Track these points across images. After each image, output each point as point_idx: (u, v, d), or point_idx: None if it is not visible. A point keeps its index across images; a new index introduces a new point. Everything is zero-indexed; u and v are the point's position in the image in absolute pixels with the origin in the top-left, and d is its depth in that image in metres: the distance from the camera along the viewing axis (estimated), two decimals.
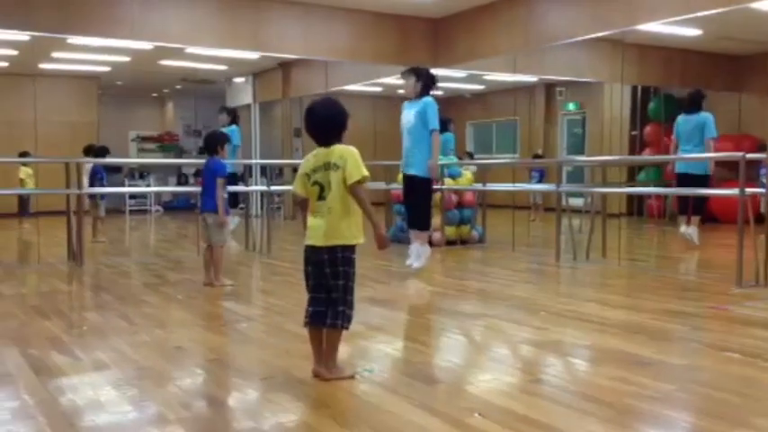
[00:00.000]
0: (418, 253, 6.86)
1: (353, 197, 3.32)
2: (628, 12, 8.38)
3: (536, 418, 2.86)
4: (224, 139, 6.43)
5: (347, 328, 3.39)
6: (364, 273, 6.99)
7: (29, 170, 12.24)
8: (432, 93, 6.93)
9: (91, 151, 10.59)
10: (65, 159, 8.01)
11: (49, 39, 10.27)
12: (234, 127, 10.88)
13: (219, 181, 6.09)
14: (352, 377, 3.39)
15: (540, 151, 15.60)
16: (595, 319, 4.84)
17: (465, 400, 3.15)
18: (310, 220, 3.40)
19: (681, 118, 8.65)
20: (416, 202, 6.96)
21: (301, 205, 3.55)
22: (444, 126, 8.42)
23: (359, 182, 3.29)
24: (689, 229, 8.57)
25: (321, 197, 3.34)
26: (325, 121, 3.39)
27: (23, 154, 11.61)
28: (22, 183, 12.05)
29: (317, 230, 3.35)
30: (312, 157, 3.42)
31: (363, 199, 3.34)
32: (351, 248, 3.37)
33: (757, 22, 9.93)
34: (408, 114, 6.88)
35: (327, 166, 3.33)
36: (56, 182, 8.28)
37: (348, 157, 3.32)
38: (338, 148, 3.36)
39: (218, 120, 10.52)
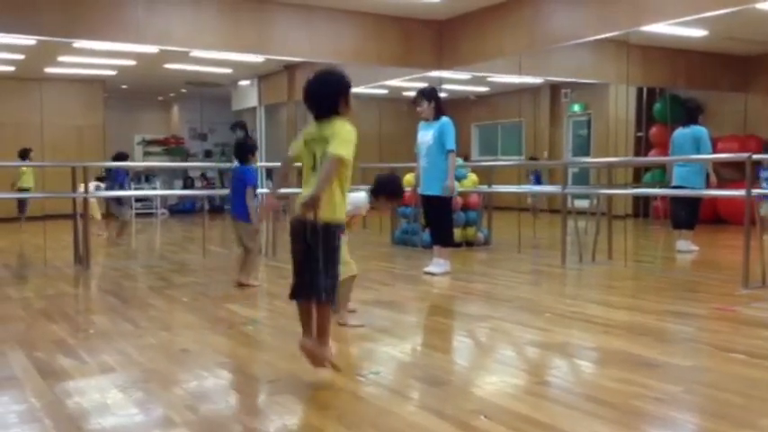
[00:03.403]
0: (438, 264, 6.92)
1: (323, 164, 3.22)
2: (633, 13, 8.36)
3: (542, 420, 2.86)
4: (253, 148, 6.66)
5: (332, 302, 3.34)
6: (369, 275, 7.01)
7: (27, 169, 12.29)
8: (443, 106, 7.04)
9: (119, 158, 10.74)
10: (71, 163, 8.05)
11: (55, 43, 10.31)
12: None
13: (249, 190, 6.30)
14: (333, 366, 3.38)
15: (545, 154, 15.62)
16: (601, 320, 4.83)
17: (471, 402, 3.15)
18: (302, 190, 3.33)
19: (677, 132, 8.62)
20: (437, 221, 7.09)
21: (283, 162, 3.58)
22: None
23: (338, 158, 3.18)
24: (682, 245, 8.52)
25: (314, 168, 3.31)
26: (319, 92, 3.34)
27: (24, 152, 11.66)
28: (22, 177, 12.10)
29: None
30: (312, 127, 3.38)
31: (329, 170, 3.18)
32: (341, 227, 3.33)
33: (763, 22, 9.90)
34: (426, 135, 6.95)
35: (323, 139, 3.27)
36: (62, 185, 8.31)
37: (339, 131, 3.24)
38: (336, 123, 3.28)
39: (235, 137, 10.85)
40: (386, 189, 4.70)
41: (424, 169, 6.98)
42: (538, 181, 14.57)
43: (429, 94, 6.99)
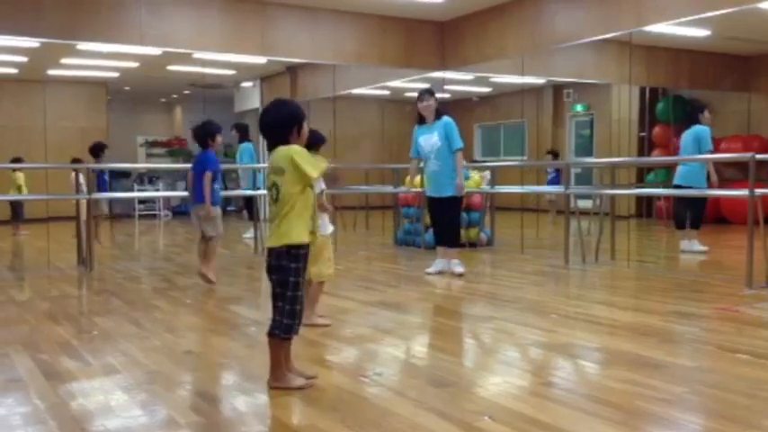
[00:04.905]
0: (450, 265, 6.84)
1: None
2: (635, 13, 8.36)
3: (546, 421, 2.86)
4: (213, 130, 6.38)
5: (286, 339, 3.33)
6: (372, 276, 7.01)
7: (21, 175, 12.25)
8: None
9: (96, 148, 10.54)
10: (74, 165, 8.06)
11: (57, 45, 10.31)
12: (248, 144, 10.91)
13: (208, 174, 6.15)
14: (300, 388, 3.30)
15: (556, 149, 15.61)
16: (605, 321, 4.83)
17: (475, 403, 3.14)
18: (269, 226, 3.40)
19: (684, 132, 8.61)
20: (449, 221, 6.95)
21: None
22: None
23: (311, 175, 3.25)
24: (686, 244, 8.51)
25: (275, 200, 3.30)
26: (270, 124, 3.34)
27: (16, 159, 11.65)
28: (20, 189, 12.05)
29: (269, 234, 3.34)
30: (270, 159, 3.36)
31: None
32: (293, 253, 3.26)
33: (766, 22, 9.89)
34: (431, 137, 6.80)
35: (276, 171, 3.28)
36: (65, 187, 8.33)
37: (295, 156, 3.23)
38: (280, 150, 3.28)
39: (231, 136, 10.87)
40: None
41: (435, 172, 6.82)
42: (557, 178, 14.55)
43: (434, 93, 6.95)
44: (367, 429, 2.83)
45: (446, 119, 6.83)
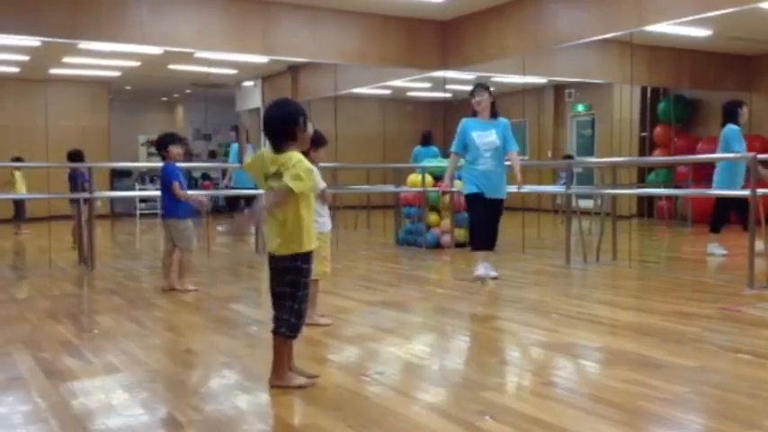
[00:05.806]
0: (485, 268, 6.54)
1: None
2: (636, 13, 8.36)
3: (548, 421, 2.85)
4: (166, 141, 6.30)
5: (292, 337, 3.34)
6: (375, 276, 7.01)
7: (18, 175, 12.23)
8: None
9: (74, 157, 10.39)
10: (75, 164, 8.05)
11: (59, 44, 10.32)
12: (248, 145, 10.91)
13: (175, 186, 6.07)
14: (301, 387, 3.31)
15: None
16: (606, 320, 4.82)
17: (476, 402, 3.14)
18: (267, 223, 3.35)
19: None
20: (497, 223, 6.70)
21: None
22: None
23: (288, 190, 3.16)
24: (707, 247, 8.43)
25: None
26: (273, 124, 3.31)
27: (16, 159, 11.63)
28: (16, 188, 12.03)
29: (272, 238, 3.32)
30: (268, 157, 3.31)
31: (277, 199, 3.23)
32: (301, 257, 3.29)
33: (767, 21, 9.89)
34: (488, 135, 6.41)
35: (280, 175, 3.23)
36: (65, 187, 8.32)
37: (289, 164, 3.20)
38: (289, 156, 3.23)
39: (230, 137, 10.97)
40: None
41: (492, 172, 6.41)
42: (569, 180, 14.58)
43: (489, 89, 6.58)
44: (368, 428, 2.83)
45: (505, 120, 6.52)
